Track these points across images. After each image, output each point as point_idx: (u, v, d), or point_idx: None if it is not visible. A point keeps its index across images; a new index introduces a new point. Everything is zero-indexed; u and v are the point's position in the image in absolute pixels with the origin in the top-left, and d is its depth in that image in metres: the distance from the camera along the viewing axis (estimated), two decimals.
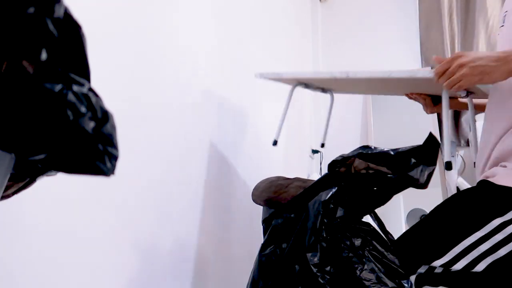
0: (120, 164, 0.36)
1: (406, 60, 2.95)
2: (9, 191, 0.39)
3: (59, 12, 0.29)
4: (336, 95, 2.09)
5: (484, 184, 0.80)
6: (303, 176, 2.58)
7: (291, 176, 2.24)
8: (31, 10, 0.27)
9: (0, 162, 0.31)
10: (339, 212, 0.84)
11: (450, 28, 2.85)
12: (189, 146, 1.19)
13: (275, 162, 2.02)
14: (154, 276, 0.98)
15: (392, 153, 0.85)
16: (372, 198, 0.86)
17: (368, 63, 3.01)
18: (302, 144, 2.62)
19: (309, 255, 0.80)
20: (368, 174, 0.85)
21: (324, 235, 0.81)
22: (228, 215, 1.42)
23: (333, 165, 0.90)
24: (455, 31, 2.83)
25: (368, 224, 0.87)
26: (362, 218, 0.88)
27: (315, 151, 2.82)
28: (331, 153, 3.09)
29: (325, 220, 0.82)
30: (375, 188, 0.85)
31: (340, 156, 0.92)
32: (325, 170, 2.98)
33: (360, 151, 0.88)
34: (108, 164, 0.33)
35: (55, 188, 0.70)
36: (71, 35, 0.30)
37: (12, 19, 0.26)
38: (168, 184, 1.07)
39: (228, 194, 1.43)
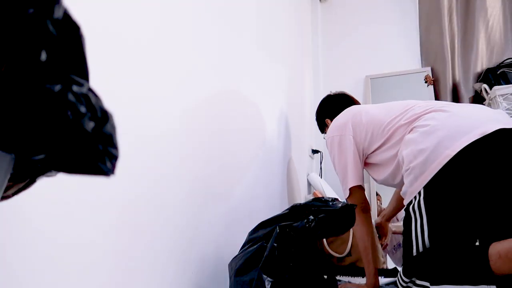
0: (120, 165, 0.36)
1: (406, 60, 2.95)
2: (9, 192, 0.39)
3: (58, 13, 0.29)
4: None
5: None
6: (303, 175, 2.58)
7: (291, 176, 2.25)
8: (31, 11, 0.27)
9: (0, 162, 0.31)
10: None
11: (450, 28, 2.85)
12: (189, 146, 1.19)
13: (275, 162, 2.02)
14: (155, 277, 0.98)
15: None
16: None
17: (367, 63, 3.01)
18: (302, 144, 2.62)
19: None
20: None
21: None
22: (228, 215, 1.42)
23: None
24: (455, 31, 2.83)
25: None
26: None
27: (315, 151, 2.82)
28: None
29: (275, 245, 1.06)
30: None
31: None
32: (325, 170, 2.98)
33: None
34: (108, 164, 0.33)
35: (55, 188, 0.70)
36: (70, 36, 0.30)
37: (11, 20, 0.26)
38: (169, 184, 1.07)
39: (228, 194, 1.44)
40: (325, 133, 1.86)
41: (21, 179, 0.38)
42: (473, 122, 1.10)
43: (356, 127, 1.46)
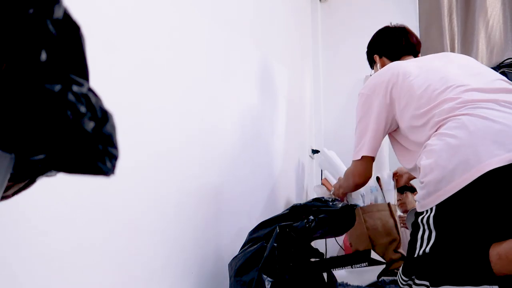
0: (120, 165, 0.36)
1: None
2: (9, 192, 0.39)
3: (58, 13, 0.29)
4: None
5: None
6: (303, 175, 2.58)
7: (291, 175, 2.24)
8: (31, 11, 0.27)
9: (0, 162, 0.31)
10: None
11: (450, 28, 2.85)
12: (189, 147, 1.19)
13: (275, 162, 2.02)
14: (155, 277, 0.98)
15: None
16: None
17: (367, 62, 3.01)
18: (302, 144, 2.62)
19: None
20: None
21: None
22: (228, 215, 1.42)
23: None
24: (455, 31, 2.83)
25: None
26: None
27: (315, 151, 2.82)
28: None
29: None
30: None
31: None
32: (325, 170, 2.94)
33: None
34: (108, 164, 0.33)
35: (55, 189, 0.70)
36: (70, 36, 0.30)
37: (12, 20, 0.26)
38: (168, 185, 1.07)
39: (228, 194, 1.44)
40: (373, 69, 1.73)
41: (21, 179, 0.38)
42: (508, 138, 0.96)
43: (393, 89, 1.32)
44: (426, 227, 1.04)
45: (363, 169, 1.43)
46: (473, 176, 0.96)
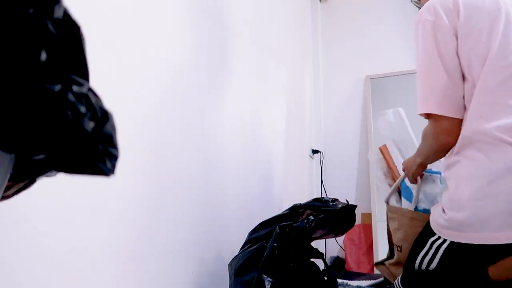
0: (120, 165, 0.36)
1: (406, 60, 2.94)
2: (9, 192, 0.39)
3: (58, 13, 0.29)
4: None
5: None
6: (303, 175, 2.58)
7: (291, 176, 2.24)
8: (31, 11, 0.27)
9: (0, 162, 0.31)
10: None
11: None
12: (187, 146, 1.19)
13: (275, 162, 2.02)
14: (155, 277, 0.98)
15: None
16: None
17: (367, 63, 3.01)
18: (302, 144, 2.62)
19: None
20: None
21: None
22: (228, 215, 1.42)
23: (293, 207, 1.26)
24: None
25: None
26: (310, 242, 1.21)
27: (315, 151, 2.82)
28: (332, 153, 3.07)
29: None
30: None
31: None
32: (325, 170, 2.96)
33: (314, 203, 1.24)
34: (108, 164, 0.33)
35: (55, 189, 0.70)
36: (70, 36, 0.30)
37: (11, 20, 0.26)
38: (168, 185, 1.07)
39: (228, 194, 1.43)
40: (419, 1, 1.24)
41: (21, 179, 0.38)
42: None
43: (469, 25, 0.94)
44: (432, 251, 0.98)
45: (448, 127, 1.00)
46: (506, 239, 0.85)
